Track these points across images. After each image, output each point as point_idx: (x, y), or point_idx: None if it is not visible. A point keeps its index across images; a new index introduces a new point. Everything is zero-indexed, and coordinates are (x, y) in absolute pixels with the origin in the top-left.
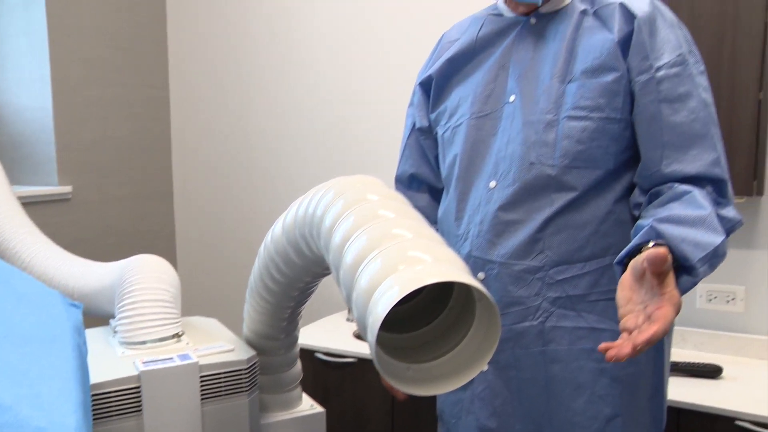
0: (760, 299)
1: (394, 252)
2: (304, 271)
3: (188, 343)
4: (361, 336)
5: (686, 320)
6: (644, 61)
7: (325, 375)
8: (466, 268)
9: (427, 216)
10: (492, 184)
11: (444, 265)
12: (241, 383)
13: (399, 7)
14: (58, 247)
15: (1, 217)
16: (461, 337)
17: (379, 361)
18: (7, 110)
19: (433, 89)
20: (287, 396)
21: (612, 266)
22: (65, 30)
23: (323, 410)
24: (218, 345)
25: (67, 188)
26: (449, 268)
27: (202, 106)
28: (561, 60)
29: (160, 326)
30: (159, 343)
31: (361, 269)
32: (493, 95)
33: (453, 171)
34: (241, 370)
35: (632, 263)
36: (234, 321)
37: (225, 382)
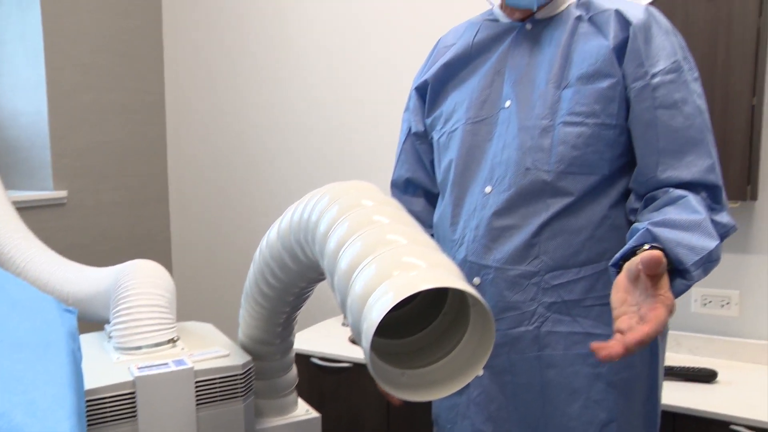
0: (755, 303)
1: (389, 258)
2: (300, 277)
3: (183, 349)
4: (356, 341)
5: (681, 325)
6: (639, 68)
7: (321, 380)
8: (461, 274)
9: (423, 221)
10: (487, 190)
11: (438, 271)
12: (237, 388)
13: (395, 13)
14: (53, 252)
15: None
16: (456, 343)
17: (374, 367)
18: (2, 115)
19: (429, 94)
20: (283, 401)
21: (607, 271)
22: (61, 35)
23: (319, 415)
24: (213, 350)
25: (62, 193)
26: (444, 274)
27: (198, 112)
28: (556, 66)
29: (155, 331)
30: (154, 349)
31: (356, 275)
32: (489, 100)
33: (448, 176)
34: (237, 376)
35: (627, 265)
36: (229, 326)
37: (220, 388)
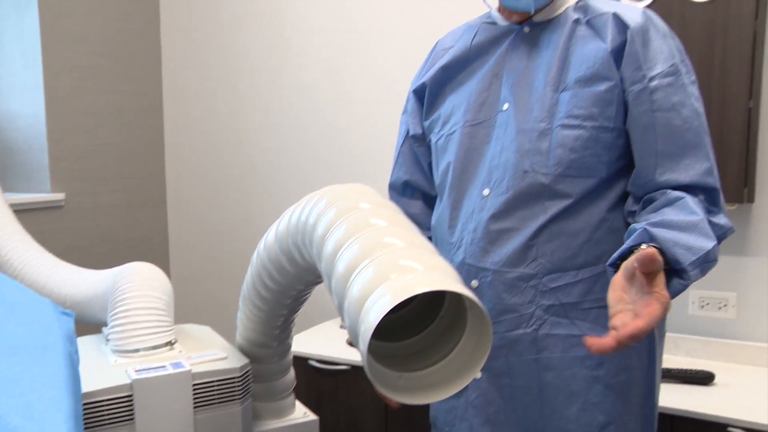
0: (752, 306)
1: (386, 261)
2: (297, 279)
3: (181, 351)
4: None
5: (679, 327)
6: (637, 71)
7: (319, 382)
8: (458, 277)
9: (421, 223)
10: (485, 192)
11: (436, 274)
12: (234, 391)
13: (393, 15)
14: (51, 255)
15: None
16: (453, 346)
17: (371, 370)
18: (0, 117)
19: (427, 97)
20: (280, 404)
21: (605, 274)
22: (58, 38)
23: (316, 418)
24: (211, 353)
25: (60, 195)
26: (441, 277)
27: (196, 114)
28: (554, 69)
29: (153, 334)
30: (152, 351)
31: (353, 278)
32: (487, 103)
33: (446, 178)
34: (234, 378)
35: (624, 264)
36: (227, 328)
37: (218, 390)
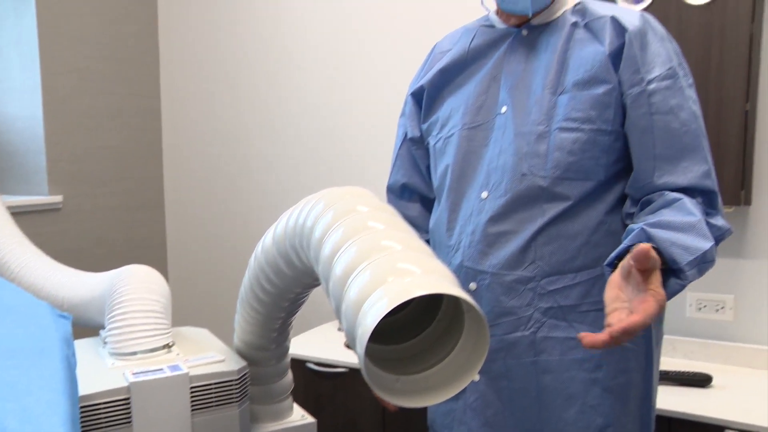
0: (749, 308)
1: (384, 264)
2: (295, 282)
3: (179, 354)
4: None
5: (676, 329)
6: (635, 75)
7: (317, 385)
8: (455, 280)
9: (419, 226)
10: (484, 195)
11: (433, 277)
12: (232, 394)
13: (390, 18)
14: (48, 258)
15: None
16: (450, 349)
17: (368, 373)
18: None
19: (425, 100)
20: (278, 407)
21: (603, 277)
22: (56, 40)
23: (314, 420)
24: (209, 356)
25: (58, 198)
26: (438, 280)
27: (194, 116)
28: (552, 71)
29: (151, 337)
30: (149, 354)
31: (351, 281)
32: (485, 106)
33: (445, 181)
34: (232, 381)
35: (621, 263)
36: (225, 331)
37: (215, 393)
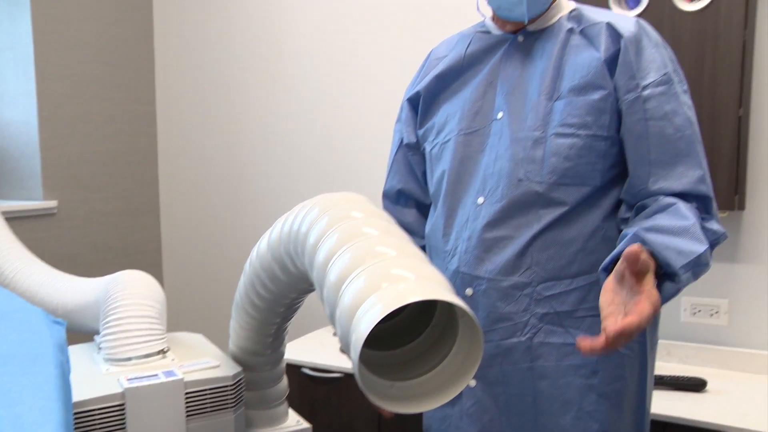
0: (744, 312)
1: (378, 270)
2: (290, 288)
3: (173, 360)
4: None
5: (671, 334)
6: (631, 80)
7: (312, 390)
8: (450, 286)
9: (415, 231)
10: (480, 201)
11: (427, 283)
12: (227, 400)
13: (387, 24)
14: (43, 263)
15: None
16: (444, 355)
17: (363, 380)
18: None
19: (421, 105)
20: (273, 412)
21: (599, 283)
22: (51, 45)
23: (310, 426)
24: (204, 361)
25: (53, 203)
26: (432, 286)
27: (189, 122)
28: (548, 77)
29: (145, 342)
30: (144, 360)
31: (345, 287)
32: (481, 112)
33: (441, 187)
34: (227, 387)
35: (615, 268)
36: (220, 336)
37: (210, 399)
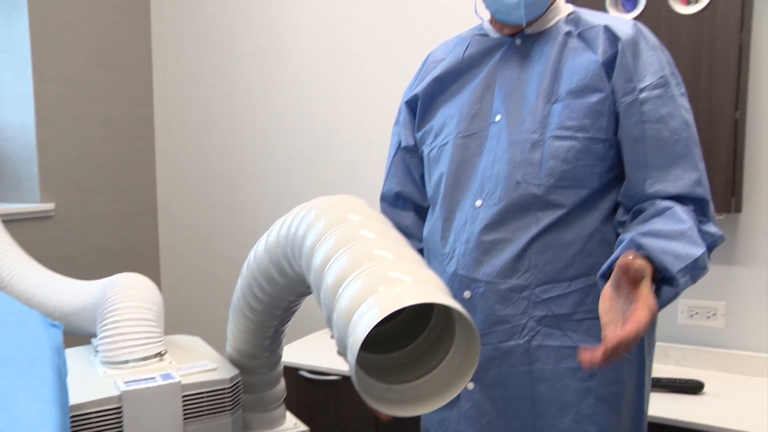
0: (741, 315)
1: (375, 273)
2: (287, 290)
3: (171, 362)
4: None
5: (668, 336)
6: (628, 83)
7: (309, 393)
8: (447, 289)
9: (413, 234)
10: (478, 203)
11: (424, 287)
12: (224, 402)
13: (385, 27)
14: (40, 266)
15: None
16: (441, 358)
17: (360, 383)
18: None
19: (419, 108)
20: (271, 415)
21: (597, 286)
22: (48, 47)
23: (307, 428)
24: (201, 364)
25: (50, 205)
26: (429, 290)
27: (187, 124)
28: (546, 80)
29: (143, 345)
30: (141, 363)
31: (342, 290)
32: (479, 115)
33: (439, 190)
34: (224, 389)
35: (611, 275)
36: (217, 339)
37: (208, 402)
